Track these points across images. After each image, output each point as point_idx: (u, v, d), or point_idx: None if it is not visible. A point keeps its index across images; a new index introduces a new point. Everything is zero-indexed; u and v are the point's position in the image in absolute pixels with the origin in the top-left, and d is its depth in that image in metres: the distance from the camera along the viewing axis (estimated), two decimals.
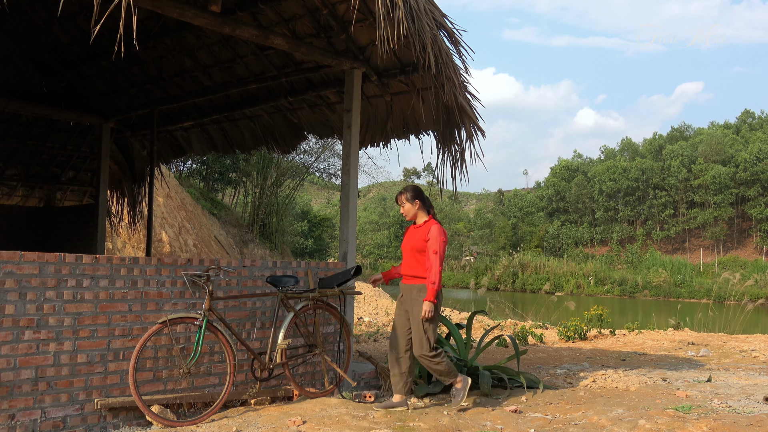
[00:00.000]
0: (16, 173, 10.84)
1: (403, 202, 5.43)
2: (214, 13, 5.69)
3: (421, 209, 5.40)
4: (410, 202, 5.40)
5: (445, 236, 5.28)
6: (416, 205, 5.39)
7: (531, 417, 4.96)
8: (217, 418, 4.77)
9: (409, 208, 5.41)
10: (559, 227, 69.32)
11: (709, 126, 73.22)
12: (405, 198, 5.42)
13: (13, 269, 4.16)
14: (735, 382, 6.63)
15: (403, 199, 5.43)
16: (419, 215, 5.41)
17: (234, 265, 5.31)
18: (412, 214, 5.43)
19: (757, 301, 16.06)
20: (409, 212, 5.43)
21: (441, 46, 5.68)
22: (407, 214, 5.44)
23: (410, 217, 5.45)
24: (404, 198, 5.42)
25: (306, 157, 31.69)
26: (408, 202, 5.41)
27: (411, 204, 5.40)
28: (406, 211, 5.44)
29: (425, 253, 5.23)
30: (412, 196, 5.41)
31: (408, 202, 5.41)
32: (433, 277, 5.11)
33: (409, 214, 5.44)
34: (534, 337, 11.51)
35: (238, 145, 9.45)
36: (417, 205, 5.39)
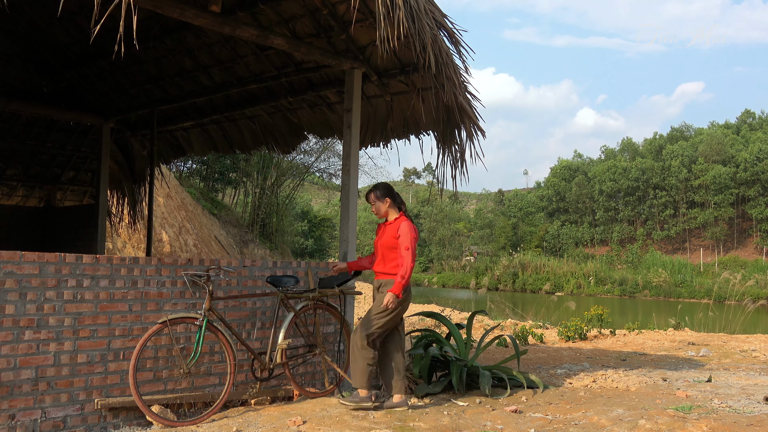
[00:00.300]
0: (16, 173, 10.84)
1: (373, 201, 5.36)
2: (214, 13, 5.69)
3: (391, 207, 5.34)
4: (380, 200, 5.34)
5: (415, 233, 5.23)
6: (386, 202, 5.33)
7: (531, 417, 4.96)
8: (217, 418, 4.77)
9: (380, 206, 5.35)
10: (560, 227, 69.31)
11: (709, 126, 73.22)
12: (375, 196, 5.35)
13: (13, 269, 4.16)
14: (735, 382, 6.63)
15: (373, 198, 5.36)
16: (390, 213, 5.35)
17: (234, 265, 5.31)
18: (383, 211, 5.36)
19: (758, 302, 16.05)
20: (380, 210, 5.36)
21: (441, 46, 5.68)
22: (378, 212, 5.37)
23: (381, 215, 5.38)
24: (374, 196, 5.35)
25: (306, 157, 31.70)
26: (378, 201, 5.35)
27: (381, 202, 5.34)
28: (376, 209, 5.36)
29: (397, 250, 5.19)
30: (382, 193, 5.34)
31: (378, 200, 5.35)
32: (404, 272, 5.06)
33: (380, 212, 5.36)
34: (534, 337, 11.51)
35: (238, 145, 9.45)
36: (387, 202, 5.33)
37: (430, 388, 5.86)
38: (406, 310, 5.33)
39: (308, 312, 5.60)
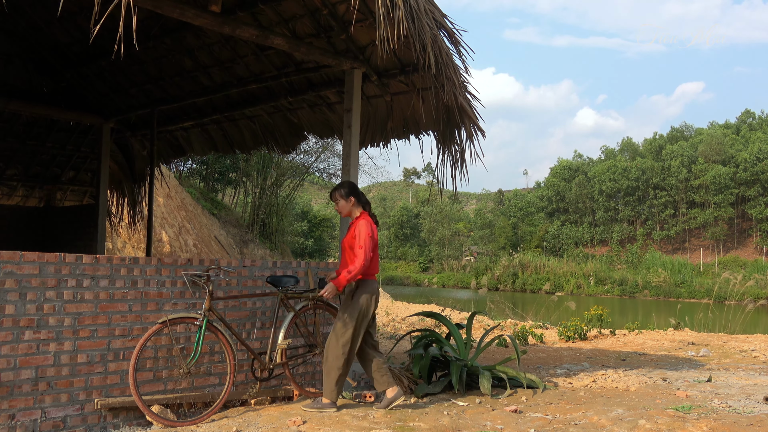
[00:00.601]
0: (16, 173, 10.84)
1: (337, 199, 5.25)
2: (214, 13, 5.69)
3: (355, 206, 5.24)
4: (345, 198, 5.23)
5: (373, 232, 5.10)
6: (350, 201, 5.23)
7: (531, 417, 4.96)
8: (217, 418, 4.77)
9: (344, 204, 5.24)
10: (559, 227, 69.32)
11: (709, 126, 73.24)
12: (339, 195, 5.24)
13: (13, 269, 4.16)
14: (735, 382, 6.63)
15: (337, 196, 5.25)
16: (353, 211, 5.25)
17: (234, 265, 5.31)
18: (347, 210, 5.26)
19: (758, 302, 16.05)
20: (344, 209, 5.26)
21: (441, 46, 5.68)
22: (342, 210, 5.27)
23: (345, 214, 5.29)
24: (338, 195, 5.24)
25: (306, 157, 31.70)
26: (342, 199, 5.23)
27: (345, 201, 5.23)
28: (341, 207, 5.26)
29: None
30: (347, 192, 5.24)
31: (342, 198, 5.23)
32: (353, 268, 4.95)
33: (344, 210, 5.27)
34: (534, 337, 11.51)
35: (238, 145, 9.45)
36: (351, 201, 5.23)
37: (430, 388, 5.86)
38: (376, 309, 5.23)
39: (308, 312, 5.60)
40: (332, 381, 5.03)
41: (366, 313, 5.12)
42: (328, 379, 5.05)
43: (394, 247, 73.61)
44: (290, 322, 5.31)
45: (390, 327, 13.48)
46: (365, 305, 5.10)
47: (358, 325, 5.08)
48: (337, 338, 5.06)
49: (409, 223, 75.38)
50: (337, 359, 5.03)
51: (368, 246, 5.01)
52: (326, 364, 5.09)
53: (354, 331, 5.06)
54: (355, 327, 5.06)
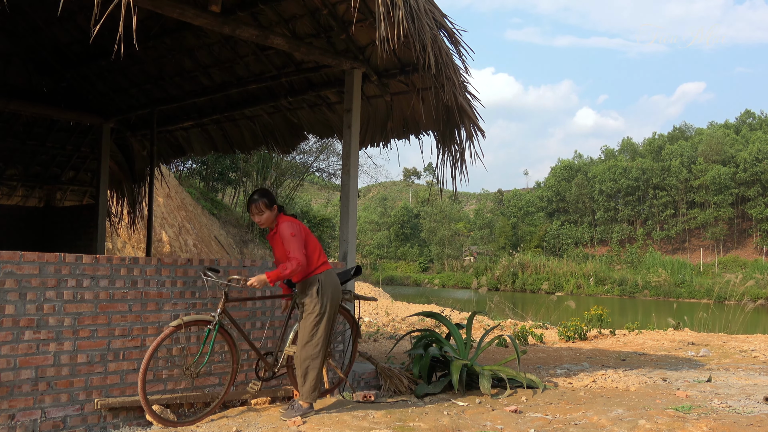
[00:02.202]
0: (16, 173, 10.84)
1: (262, 210, 4.87)
2: (214, 13, 5.69)
3: (276, 213, 4.97)
4: (269, 208, 4.91)
5: (293, 228, 4.87)
6: (274, 210, 4.95)
7: (531, 417, 4.96)
8: (216, 418, 4.77)
9: (268, 215, 4.91)
10: (559, 227, 69.33)
11: (709, 126, 73.25)
12: (264, 205, 4.87)
13: (13, 269, 4.16)
14: (735, 382, 6.63)
15: (262, 207, 4.87)
16: (273, 220, 4.98)
17: (234, 265, 5.31)
18: (270, 221, 4.94)
19: (757, 301, 16.06)
20: (269, 220, 4.92)
21: (441, 46, 5.68)
22: (265, 222, 4.92)
23: (269, 225, 4.96)
24: (263, 206, 4.87)
25: (306, 157, 31.70)
26: (267, 210, 4.89)
27: (270, 210, 4.92)
28: (264, 219, 4.90)
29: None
30: (270, 201, 4.92)
31: (267, 209, 4.89)
32: (288, 266, 4.73)
33: (269, 221, 4.93)
34: (534, 337, 11.51)
35: (238, 145, 9.45)
36: (275, 209, 4.95)
37: (430, 388, 5.86)
38: (336, 307, 5.11)
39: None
40: (310, 383, 4.91)
41: (334, 306, 5.03)
42: (306, 381, 4.93)
43: (394, 246, 73.60)
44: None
45: (390, 327, 13.47)
46: (330, 298, 4.98)
47: (328, 321, 4.98)
48: (309, 339, 4.93)
49: (409, 223, 75.40)
50: (313, 360, 4.93)
51: (294, 246, 4.78)
52: (301, 366, 4.93)
53: (324, 328, 4.96)
54: (326, 323, 4.97)
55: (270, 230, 5.02)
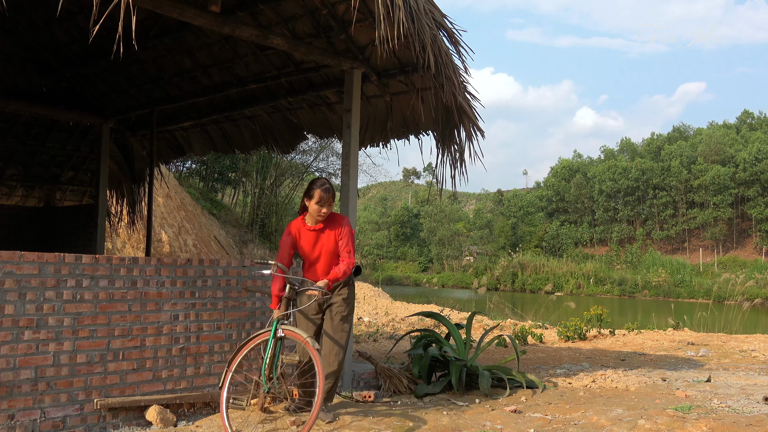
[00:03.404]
0: (15, 173, 10.84)
1: (332, 203, 4.74)
2: (214, 13, 5.69)
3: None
4: (334, 199, 4.78)
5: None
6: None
7: (531, 417, 4.96)
8: (217, 418, 4.77)
9: (332, 207, 4.78)
10: (559, 227, 69.34)
11: (709, 126, 73.27)
12: (334, 197, 4.76)
13: (12, 269, 4.15)
14: (734, 382, 6.63)
15: (333, 199, 4.73)
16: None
17: (234, 265, 5.31)
18: (328, 214, 4.80)
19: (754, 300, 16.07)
20: (329, 212, 4.80)
21: (441, 46, 5.68)
22: (327, 215, 4.76)
23: (324, 219, 4.79)
24: (333, 197, 4.75)
25: (305, 157, 31.70)
26: (333, 201, 4.76)
27: (333, 202, 4.79)
28: (329, 211, 4.75)
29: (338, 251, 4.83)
30: (335, 192, 4.81)
31: (333, 200, 4.77)
32: (344, 267, 4.69)
33: (328, 215, 4.79)
34: (533, 337, 11.51)
35: (237, 145, 9.45)
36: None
37: (430, 388, 5.87)
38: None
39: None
40: (338, 383, 4.89)
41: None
42: (337, 382, 4.88)
43: (393, 246, 73.60)
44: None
45: (389, 327, 13.47)
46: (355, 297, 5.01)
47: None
48: (341, 338, 4.85)
49: (408, 223, 75.40)
50: (343, 359, 4.91)
51: (353, 244, 4.79)
52: (331, 366, 4.77)
53: (350, 326, 5.02)
54: (350, 322, 5.04)
55: (313, 224, 4.80)
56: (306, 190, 4.76)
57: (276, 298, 4.68)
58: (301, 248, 4.85)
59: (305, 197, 4.76)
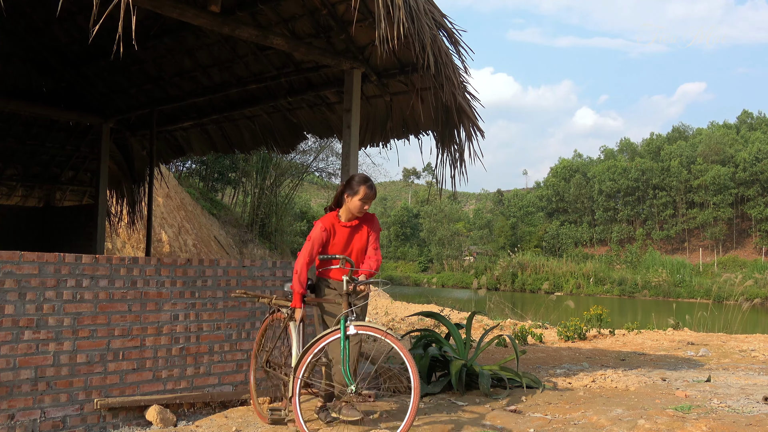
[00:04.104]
0: (15, 173, 10.84)
1: (372, 201, 4.71)
2: (214, 13, 5.69)
3: None
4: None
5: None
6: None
7: (530, 417, 4.96)
8: (217, 418, 4.77)
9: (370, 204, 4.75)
10: (559, 227, 69.36)
11: (709, 126, 73.30)
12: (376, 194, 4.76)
13: (12, 269, 4.16)
14: (734, 382, 6.63)
15: (375, 197, 4.72)
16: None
17: (234, 265, 5.31)
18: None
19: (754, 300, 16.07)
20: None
21: (440, 46, 5.68)
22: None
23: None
24: (376, 195, 4.74)
25: (305, 157, 31.70)
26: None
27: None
28: (367, 209, 4.72)
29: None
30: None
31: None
32: (376, 263, 4.64)
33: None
34: (533, 337, 11.51)
35: (237, 145, 9.46)
36: None
37: (430, 388, 5.86)
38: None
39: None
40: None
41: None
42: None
43: (393, 246, 73.64)
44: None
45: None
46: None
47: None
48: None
49: (408, 223, 75.44)
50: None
51: (379, 241, 4.84)
52: (354, 364, 4.54)
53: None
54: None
55: (348, 220, 4.70)
56: (347, 185, 4.65)
57: (299, 295, 4.51)
58: (333, 244, 4.68)
59: (346, 193, 4.64)
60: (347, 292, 4.37)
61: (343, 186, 4.72)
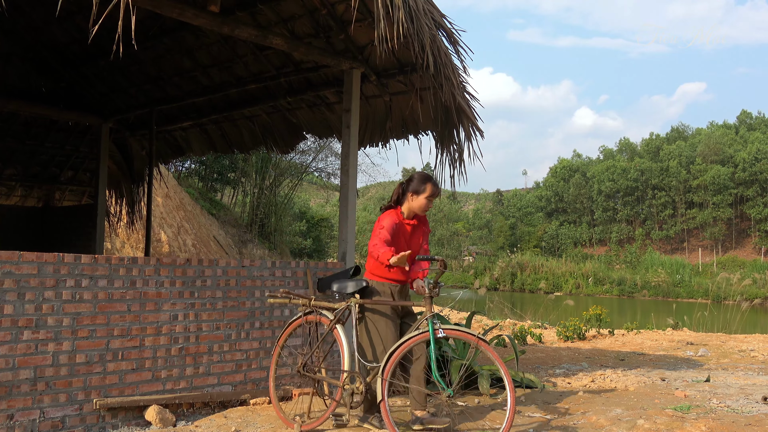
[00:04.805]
0: (14, 173, 10.83)
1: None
2: (213, 13, 5.69)
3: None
4: None
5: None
6: None
7: (530, 417, 4.96)
8: (216, 418, 4.76)
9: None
10: (558, 227, 69.37)
11: (708, 126, 73.34)
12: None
13: (11, 269, 4.15)
14: (733, 382, 6.63)
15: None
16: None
17: (233, 265, 5.31)
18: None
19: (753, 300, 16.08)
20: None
21: (440, 46, 5.68)
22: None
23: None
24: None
25: (304, 157, 31.68)
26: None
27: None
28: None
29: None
30: None
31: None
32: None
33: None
34: (533, 337, 11.51)
35: (236, 145, 9.45)
36: None
37: (429, 388, 5.85)
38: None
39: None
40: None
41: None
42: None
43: None
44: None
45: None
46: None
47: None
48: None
49: None
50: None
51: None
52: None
53: None
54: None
55: (410, 218, 4.69)
56: (411, 183, 4.61)
57: (392, 253, 4.27)
58: (395, 241, 4.57)
59: (411, 191, 4.60)
60: (430, 294, 4.30)
61: (403, 184, 4.68)
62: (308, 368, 4.70)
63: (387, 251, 4.25)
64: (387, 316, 4.59)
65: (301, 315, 4.73)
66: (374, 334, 4.55)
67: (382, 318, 4.58)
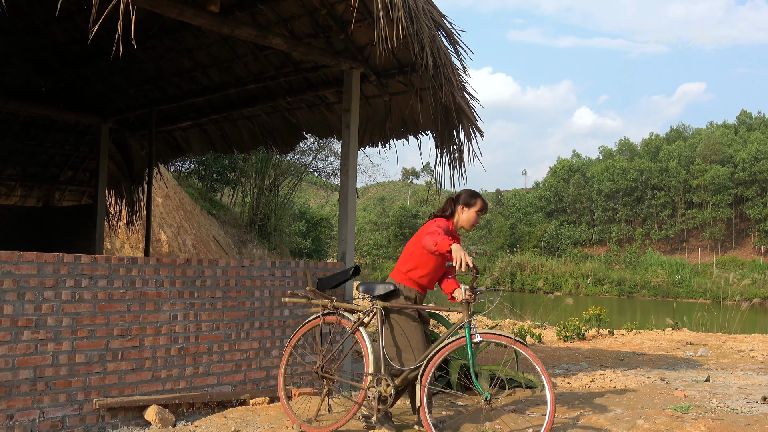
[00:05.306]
0: (14, 173, 10.83)
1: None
2: (213, 13, 5.69)
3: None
4: None
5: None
6: None
7: (530, 417, 4.96)
8: (216, 418, 4.76)
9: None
10: (558, 227, 69.36)
11: (707, 126, 73.36)
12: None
13: (11, 269, 4.15)
14: (733, 382, 6.63)
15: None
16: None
17: (233, 265, 5.31)
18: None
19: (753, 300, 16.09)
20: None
21: (439, 46, 5.69)
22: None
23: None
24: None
25: (304, 157, 31.68)
26: None
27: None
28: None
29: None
30: None
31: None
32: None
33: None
34: (532, 337, 11.51)
35: (236, 145, 9.46)
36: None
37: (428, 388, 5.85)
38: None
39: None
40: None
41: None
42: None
43: (392, 246, 73.51)
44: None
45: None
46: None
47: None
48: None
49: (407, 223, 75.32)
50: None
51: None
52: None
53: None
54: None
55: (454, 230, 4.75)
56: (462, 197, 4.69)
57: (451, 239, 4.30)
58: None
59: (463, 204, 4.66)
60: (467, 300, 4.32)
61: (452, 199, 4.72)
62: (326, 369, 4.67)
63: (446, 239, 4.25)
64: (416, 320, 4.57)
65: (320, 315, 4.68)
66: (401, 337, 4.52)
67: (411, 322, 4.55)
